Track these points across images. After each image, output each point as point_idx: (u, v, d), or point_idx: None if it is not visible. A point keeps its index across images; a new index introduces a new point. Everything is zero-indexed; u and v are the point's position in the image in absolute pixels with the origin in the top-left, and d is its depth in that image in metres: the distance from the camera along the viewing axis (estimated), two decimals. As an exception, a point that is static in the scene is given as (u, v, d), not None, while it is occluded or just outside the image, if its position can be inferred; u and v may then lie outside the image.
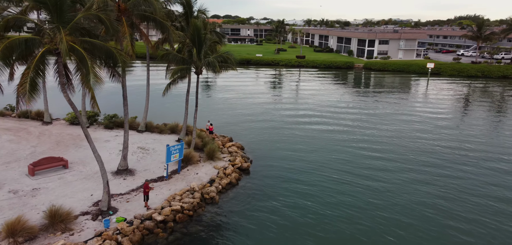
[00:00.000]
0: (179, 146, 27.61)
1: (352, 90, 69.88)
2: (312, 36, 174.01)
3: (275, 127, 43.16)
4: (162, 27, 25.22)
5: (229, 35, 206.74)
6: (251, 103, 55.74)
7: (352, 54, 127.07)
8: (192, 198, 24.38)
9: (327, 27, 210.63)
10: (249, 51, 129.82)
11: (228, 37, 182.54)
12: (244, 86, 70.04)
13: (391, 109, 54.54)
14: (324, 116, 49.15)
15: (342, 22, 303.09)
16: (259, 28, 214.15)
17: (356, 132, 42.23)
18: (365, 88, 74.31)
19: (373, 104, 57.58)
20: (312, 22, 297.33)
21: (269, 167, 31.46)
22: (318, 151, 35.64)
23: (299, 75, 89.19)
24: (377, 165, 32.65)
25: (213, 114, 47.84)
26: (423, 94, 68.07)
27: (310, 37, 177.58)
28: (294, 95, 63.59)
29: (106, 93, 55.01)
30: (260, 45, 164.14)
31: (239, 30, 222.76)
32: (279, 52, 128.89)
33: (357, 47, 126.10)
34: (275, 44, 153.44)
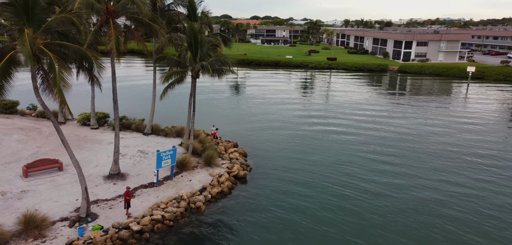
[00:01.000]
0: (171, 152, 26.82)
1: (380, 95, 66.27)
2: (348, 37, 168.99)
3: (287, 131, 41.43)
4: (150, 29, 24.51)
5: (264, 36, 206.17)
6: (271, 105, 54.25)
7: (388, 56, 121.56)
8: (176, 207, 23.47)
9: (364, 28, 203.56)
10: (280, 52, 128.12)
11: (262, 39, 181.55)
12: (269, 88, 68.60)
13: (419, 116, 50.82)
14: (343, 121, 46.66)
15: (383, 22, 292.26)
16: (293, 29, 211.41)
17: (376, 141, 39.49)
18: (395, 92, 70.26)
19: (400, 110, 54.04)
20: (351, 23, 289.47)
21: (269, 176, 29.92)
22: (327, 159, 33.57)
23: (328, 78, 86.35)
24: (397, 183, 30.05)
25: (229, 117, 46.94)
26: (460, 100, 63.12)
27: (345, 38, 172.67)
28: (317, 99, 61.28)
29: (120, 95, 55.85)
30: (293, 46, 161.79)
31: (274, 31, 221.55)
32: (310, 53, 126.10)
33: (393, 48, 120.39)
34: (311, 46, 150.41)
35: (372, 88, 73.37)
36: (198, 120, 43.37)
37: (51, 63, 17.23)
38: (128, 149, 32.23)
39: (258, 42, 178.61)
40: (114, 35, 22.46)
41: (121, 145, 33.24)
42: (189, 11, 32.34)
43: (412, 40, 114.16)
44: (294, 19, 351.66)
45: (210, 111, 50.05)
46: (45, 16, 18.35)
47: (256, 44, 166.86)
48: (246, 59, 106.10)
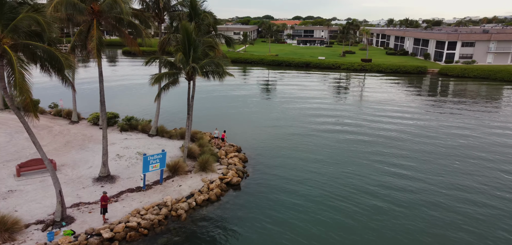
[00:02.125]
0: (160, 156, 25.98)
1: (411, 99, 61.86)
2: (388, 37, 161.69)
3: (298, 136, 39.38)
4: (134, 29, 23.76)
5: (302, 37, 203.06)
6: (290, 108, 52.26)
7: (429, 57, 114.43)
8: (156, 214, 22.53)
9: (407, 28, 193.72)
10: (314, 53, 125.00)
11: (298, 39, 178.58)
12: (294, 90, 66.50)
13: (453, 123, 46.52)
14: (366, 129, 43.70)
15: (431, 22, 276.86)
16: (332, 30, 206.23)
17: (395, 153, 36.38)
18: (429, 96, 65.28)
19: (430, 117, 49.92)
20: (394, 23, 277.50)
21: (266, 184, 28.22)
22: (338, 171, 31.22)
23: (359, 81, 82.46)
24: (411, 203, 27.22)
25: (243, 119, 45.68)
26: (504, 107, 57.22)
27: (385, 38, 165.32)
28: (341, 102, 58.32)
29: (134, 95, 56.47)
30: (329, 47, 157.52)
31: (312, 31, 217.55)
32: (345, 55, 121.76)
33: (435, 49, 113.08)
34: (347, 46, 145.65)
35: (406, 92, 68.82)
36: (215, 122, 42.59)
37: (11, 63, 16.92)
38: (128, 151, 31.96)
39: (294, 43, 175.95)
40: (96, 35, 21.93)
41: (123, 146, 33.17)
42: (190, 11, 31.40)
43: (456, 41, 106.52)
44: (337, 19, 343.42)
45: (227, 113, 49.03)
46: (15, 16, 18.06)
47: (291, 45, 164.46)
48: (276, 60, 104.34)
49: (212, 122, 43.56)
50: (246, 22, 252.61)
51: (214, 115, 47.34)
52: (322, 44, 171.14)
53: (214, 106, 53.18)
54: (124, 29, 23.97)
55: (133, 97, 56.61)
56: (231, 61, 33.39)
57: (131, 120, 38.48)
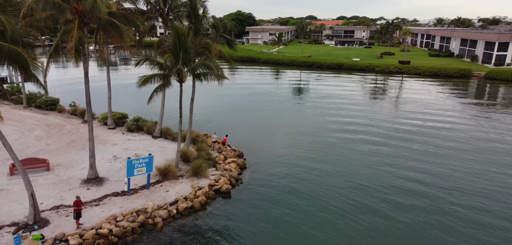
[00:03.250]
0: (146, 160, 25.18)
1: (447, 105, 56.89)
2: (433, 38, 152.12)
3: (310, 140, 37.13)
4: (116, 29, 23.07)
5: (342, 37, 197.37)
6: (307, 110, 49.92)
7: (476, 59, 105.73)
8: (131, 221, 21.67)
9: (456, 27, 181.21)
10: (350, 54, 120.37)
11: (335, 40, 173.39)
12: (318, 92, 63.89)
13: (491, 136, 41.86)
14: (383, 138, 40.47)
15: (488, 20, 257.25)
16: (371, 30, 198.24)
17: (419, 168, 33.14)
18: (470, 103, 59.70)
19: (464, 127, 45.31)
20: (443, 22, 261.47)
21: (260, 194, 26.54)
22: (345, 183, 28.84)
23: (392, 84, 77.74)
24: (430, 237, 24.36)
25: (255, 121, 44.17)
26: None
27: (431, 39, 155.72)
28: (366, 107, 54.87)
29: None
30: (368, 48, 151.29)
31: (353, 32, 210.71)
32: (382, 56, 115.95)
33: (483, 51, 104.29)
34: (385, 47, 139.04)
35: (443, 97, 63.57)
36: (222, 124, 41.55)
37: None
38: (126, 152, 31.63)
39: (332, 44, 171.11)
40: (76, 36, 21.51)
41: (123, 147, 32.96)
42: (189, 12, 30.40)
43: (509, 41, 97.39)
44: (384, 19, 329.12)
45: (238, 115, 47.72)
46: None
47: (328, 46, 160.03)
48: (308, 61, 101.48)
49: (219, 123, 42.51)
50: (285, 23, 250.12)
51: (224, 117, 46.22)
52: (361, 44, 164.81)
53: (225, 106, 52.09)
54: (113, 29, 23.36)
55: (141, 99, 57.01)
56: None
57: (138, 121, 38.38)
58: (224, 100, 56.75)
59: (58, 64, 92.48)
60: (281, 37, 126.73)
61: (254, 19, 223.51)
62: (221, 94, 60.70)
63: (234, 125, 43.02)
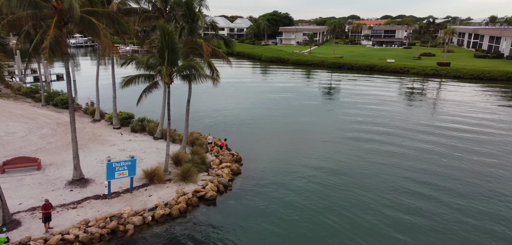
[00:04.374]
0: (129, 163, 24.34)
1: (483, 113, 51.72)
2: (481, 37, 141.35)
3: (322, 147, 34.82)
4: (92, 28, 22.30)
5: (382, 37, 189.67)
6: (324, 113, 47.36)
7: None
8: (102, 227, 20.84)
9: (510, 26, 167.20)
10: (386, 55, 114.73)
11: (373, 40, 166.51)
12: (346, 95, 60.86)
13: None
14: (395, 135, 37.22)
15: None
16: (414, 29, 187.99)
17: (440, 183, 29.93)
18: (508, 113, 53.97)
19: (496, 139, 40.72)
20: (499, 20, 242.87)
21: (246, 203, 24.91)
22: (347, 198, 26.50)
23: (425, 88, 72.53)
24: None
25: (266, 123, 42.46)
26: None
27: (479, 39, 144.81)
28: (388, 113, 51.21)
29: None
30: (408, 48, 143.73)
31: (394, 32, 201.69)
32: (420, 57, 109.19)
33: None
34: (426, 47, 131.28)
35: (480, 103, 58.07)
36: (207, 128, 40.32)
37: None
38: (122, 153, 31.17)
39: (369, 44, 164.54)
40: (52, 34, 21.05)
41: (121, 148, 32.59)
42: (185, 11, 29.26)
43: None
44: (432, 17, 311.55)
45: (248, 117, 46.15)
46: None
47: (365, 46, 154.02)
48: (338, 62, 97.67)
49: (225, 126, 41.25)
50: (322, 23, 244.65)
51: (230, 119, 44.83)
52: (401, 45, 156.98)
53: (235, 108, 50.68)
54: (90, 28, 22.69)
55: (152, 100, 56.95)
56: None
57: (143, 121, 38.05)
58: (236, 100, 55.42)
59: (91, 63, 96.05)
60: (313, 38, 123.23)
61: (290, 19, 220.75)
62: (232, 95, 59.50)
63: (242, 127, 41.57)
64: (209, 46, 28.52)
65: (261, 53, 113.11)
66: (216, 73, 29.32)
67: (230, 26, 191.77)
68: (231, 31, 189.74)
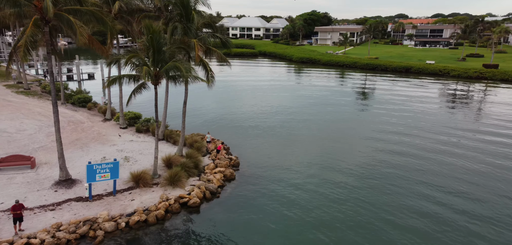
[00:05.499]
0: (110, 165, 23.57)
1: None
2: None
3: (331, 157, 32.42)
4: (69, 27, 21.64)
5: (427, 37, 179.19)
6: (341, 116, 44.51)
7: None
8: (72, 232, 20.12)
9: None
10: (426, 56, 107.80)
11: (417, 40, 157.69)
12: (373, 98, 57.32)
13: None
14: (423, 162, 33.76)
15: None
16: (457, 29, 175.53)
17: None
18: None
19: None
20: None
21: (231, 212, 23.22)
22: (346, 213, 24.13)
23: (464, 92, 66.64)
24: None
25: (277, 129, 40.55)
26: None
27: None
28: (412, 117, 47.18)
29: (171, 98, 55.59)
30: (454, 49, 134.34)
31: (441, 31, 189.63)
32: (465, 59, 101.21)
33: None
34: (473, 48, 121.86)
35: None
36: (211, 130, 38.94)
37: None
38: (119, 154, 30.71)
39: (411, 44, 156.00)
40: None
41: (119, 148, 32.21)
42: (181, 10, 28.03)
43: None
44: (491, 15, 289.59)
45: (255, 118, 44.35)
46: None
47: (407, 47, 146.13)
48: (371, 63, 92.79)
49: (236, 128, 39.76)
50: (362, 22, 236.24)
51: (232, 119, 43.24)
52: (448, 45, 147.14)
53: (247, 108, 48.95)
54: (66, 26, 22.10)
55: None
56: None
57: (149, 121, 37.62)
58: (252, 102, 53.73)
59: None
60: (348, 38, 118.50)
61: (329, 18, 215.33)
62: (248, 96, 57.87)
63: (250, 130, 39.93)
64: (202, 46, 27.09)
65: (292, 54, 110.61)
66: (210, 74, 27.90)
67: (266, 26, 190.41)
68: (267, 31, 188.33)
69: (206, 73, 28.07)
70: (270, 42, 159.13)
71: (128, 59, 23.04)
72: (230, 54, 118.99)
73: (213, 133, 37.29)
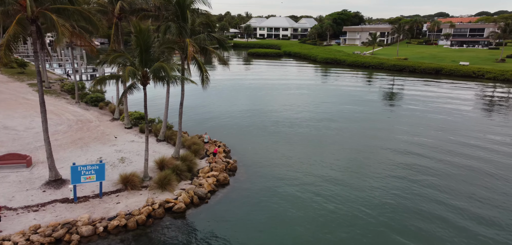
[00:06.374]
0: (96, 167, 22.98)
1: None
2: None
3: (337, 165, 30.51)
4: (52, 25, 21.12)
5: (467, 37, 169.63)
6: (354, 119, 42.12)
7: None
8: (47, 236, 19.57)
9: None
10: (461, 57, 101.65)
11: (452, 40, 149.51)
12: (391, 103, 54.33)
13: None
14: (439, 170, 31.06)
15: None
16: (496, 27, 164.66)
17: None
18: None
19: None
20: None
21: (218, 220, 21.97)
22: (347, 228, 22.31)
23: (499, 95, 61.71)
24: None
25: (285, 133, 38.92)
26: None
27: None
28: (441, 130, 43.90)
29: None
30: (494, 49, 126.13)
31: (482, 30, 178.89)
32: (505, 59, 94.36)
33: None
34: None
35: None
36: (214, 133, 37.72)
37: None
38: (116, 155, 30.26)
39: (446, 44, 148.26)
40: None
41: (118, 149, 31.82)
42: (176, 9, 27.07)
43: None
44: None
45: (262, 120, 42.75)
46: None
47: (442, 47, 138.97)
48: (398, 65, 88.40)
49: (243, 128, 38.48)
50: (395, 22, 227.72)
51: (236, 122, 41.83)
52: (488, 45, 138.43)
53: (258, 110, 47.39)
54: (57, 26, 21.69)
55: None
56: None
57: (152, 122, 37.13)
58: (266, 101, 52.17)
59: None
60: (376, 38, 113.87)
61: (361, 18, 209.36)
62: (262, 95, 56.29)
63: (256, 131, 38.52)
64: (195, 46, 25.96)
65: (317, 54, 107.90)
66: (205, 74, 26.78)
67: (293, 26, 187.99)
68: (295, 31, 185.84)
69: (200, 74, 27.00)
70: (296, 42, 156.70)
71: (113, 59, 22.32)
72: (254, 55, 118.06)
73: (217, 134, 36.24)
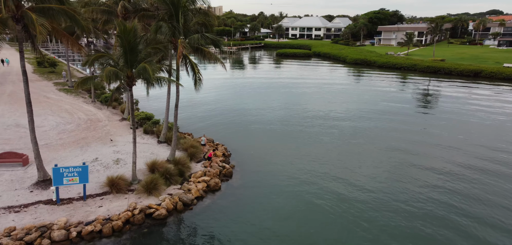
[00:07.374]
0: (79, 169, 22.34)
1: None
2: None
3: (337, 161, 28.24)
4: (34, 25, 20.55)
5: (501, 36, 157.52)
6: (360, 120, 39.24)
7: None
8: (19, 239, 19.05)
9: None
10: (506, 58, 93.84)
11: (502, 40, 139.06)
12: (415, 108, 50.63)
13: None
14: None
15: None
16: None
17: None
18: None
19: None
20: None
21: (201, 229, 20.58)
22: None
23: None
24: None
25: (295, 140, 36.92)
26: None
27: None
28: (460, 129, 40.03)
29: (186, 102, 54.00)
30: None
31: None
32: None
33: None
34: None
35: None
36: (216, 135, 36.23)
37: None
38: (113, 155, 29.76)
39: (493, 45, 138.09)
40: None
41: (117, 150, 31.39)
42: (170, 8, 25.93)
43: None
44: None
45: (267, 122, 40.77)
46: None
47: (487, 47, 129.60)
48: (432, 66, 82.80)
49: (249, 131, 36.90)
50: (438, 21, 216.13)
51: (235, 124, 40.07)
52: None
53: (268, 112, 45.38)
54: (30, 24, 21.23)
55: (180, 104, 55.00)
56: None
57: (157, 123, 36.54)
58: (280, 103, 50.12)
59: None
60: (412, 38, 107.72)
61: (400, 17, 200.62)
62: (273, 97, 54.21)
63: (261, 134, 36.79)
64: (186, 45, 24.69)
65: (347, 55, 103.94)
66: (198, 76, 25.48)
67: (327, 26, 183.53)
68: (328, 31, 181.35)
69: (193, 75, 25.72)
70: (328, 42, 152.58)
71: (94, 59, 21.56)
72: (283, 55, 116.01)
73: (222, 137, 34.96)
